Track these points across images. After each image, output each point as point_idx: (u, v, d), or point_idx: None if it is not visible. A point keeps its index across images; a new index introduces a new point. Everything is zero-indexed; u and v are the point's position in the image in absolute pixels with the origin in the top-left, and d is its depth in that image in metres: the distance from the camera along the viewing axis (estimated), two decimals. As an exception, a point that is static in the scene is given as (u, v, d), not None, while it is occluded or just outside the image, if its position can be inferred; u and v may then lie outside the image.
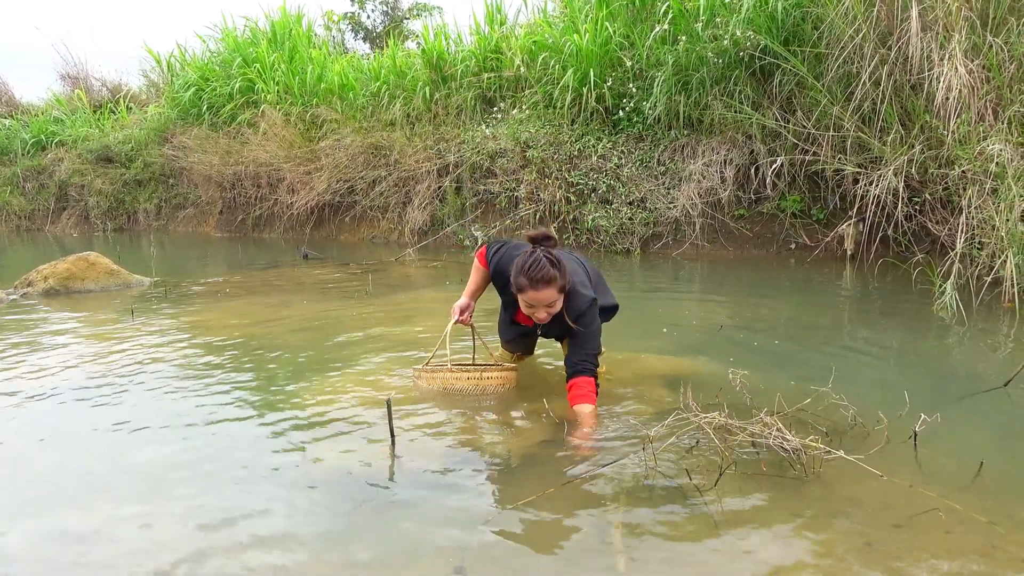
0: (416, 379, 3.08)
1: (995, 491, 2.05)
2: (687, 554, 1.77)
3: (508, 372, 3.01)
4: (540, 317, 2.62)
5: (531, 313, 2.63)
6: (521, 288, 2.55)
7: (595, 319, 2.73)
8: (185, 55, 13.70)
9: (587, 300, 2.69)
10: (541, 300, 2.54)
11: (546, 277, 2.50)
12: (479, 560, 1.76)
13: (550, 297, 2.54)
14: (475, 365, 3.19)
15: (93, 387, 3.23)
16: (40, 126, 15.14)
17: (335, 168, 10.12)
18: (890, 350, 3.69)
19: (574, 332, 2.71)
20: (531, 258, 2.53)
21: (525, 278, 2.52)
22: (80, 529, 1.97)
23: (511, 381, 3.01)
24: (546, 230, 2.67)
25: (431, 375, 3.02)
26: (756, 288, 5.66)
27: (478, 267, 3.00)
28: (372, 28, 16.48)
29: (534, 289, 2.52)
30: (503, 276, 2.79)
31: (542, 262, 2.51)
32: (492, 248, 2.93)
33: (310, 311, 4.99)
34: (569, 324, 2.68)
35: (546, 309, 2.58)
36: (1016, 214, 4.62)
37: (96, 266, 6.28)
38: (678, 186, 7.49)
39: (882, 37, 6.00)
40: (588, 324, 2.70)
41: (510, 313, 3.05)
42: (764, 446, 2.28)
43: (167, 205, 13.16)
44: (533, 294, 2.53)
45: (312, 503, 2.06)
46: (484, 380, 2.94)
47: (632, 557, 1.76)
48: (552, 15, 9.66)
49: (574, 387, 2.67)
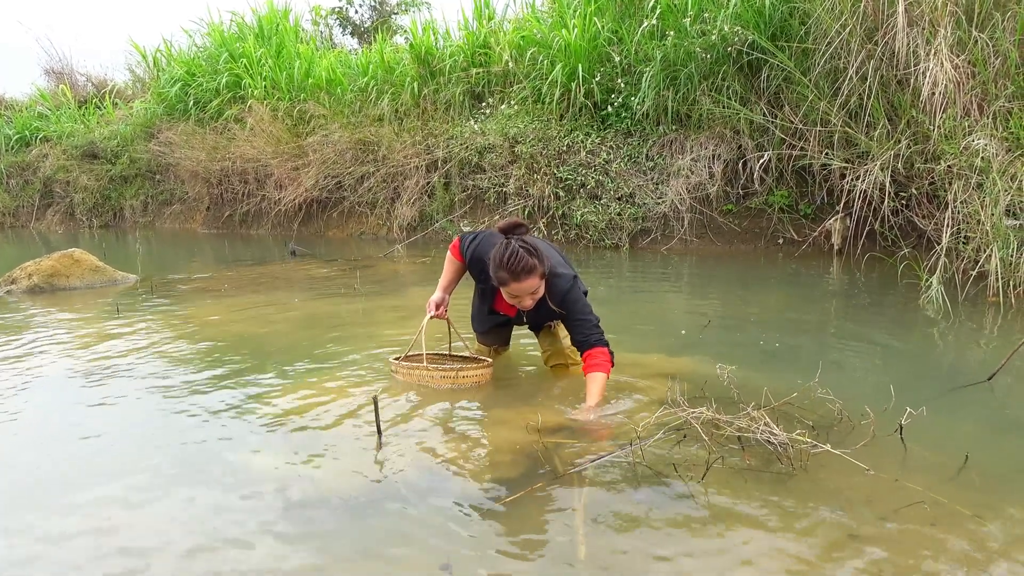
0: (393, 372, 3.10)
1: (980, 484, 2.06)
2: (673, 547, 1.77)
3: (484, 369, 3.01)
4: (526, 305, 2.66)
5: (516, 303, 2.67)
6: (503, 282, 2.58)
7: (580, 295, 2.78)
8: (171, 50, 13.58)
9: (568, 279, 2.74)
10: (525, 290, 2.58)
11: (527, 267, 2.53)
12: (466, 557, 1.75)
13: (533, 286, 2.59)
14: (451, 357, 3.22)
15: (73, 386, 3.20)
16: (24, 122, 14.98)
17: (323, 164, 10.07)
18: (876, 344, 3.71)
19: (566, 313, 2.75)
20: (508, 251, 2.55)
21: (506, 272, 2.55)
22: (58, 524, 1.94)
23: (487, 378, 3.02)
24: (516, 219, 2.70)
25: (408, 370, 3.04)
26: (744, 283, 5.68)
27: (452, 260, 3.03)
28: (360, 23, 16.38)
29: (516, 281, 2.55)
30: (480, 264, 2.81)
31: (519, 253, 2.53)
32: (466, 240, 2.95)
33: (298, 308, 4.96)
34: (552, 308, 2.71)
35: (531, 297, 2.63)
36: (1001, 209, 4.65)
37: (81, 263, 6.22)
38: (666, 181, 7.49)
39: (868, 32, 6.01)
40: (575, 301, 2.74)
41: (488, 303, 3.05)
42: (751, 440, 2.28)
43: (153, 202, 13.04)
44: (516, 286, 2.57)
45: (297, 500, 2.05)
46: (459, 379, 2.95)
47: (618, 550, 1.75)
48: (540, 10, 9.64)
49: (589, 357, 2.72)
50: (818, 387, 2.63)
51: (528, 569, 1.70)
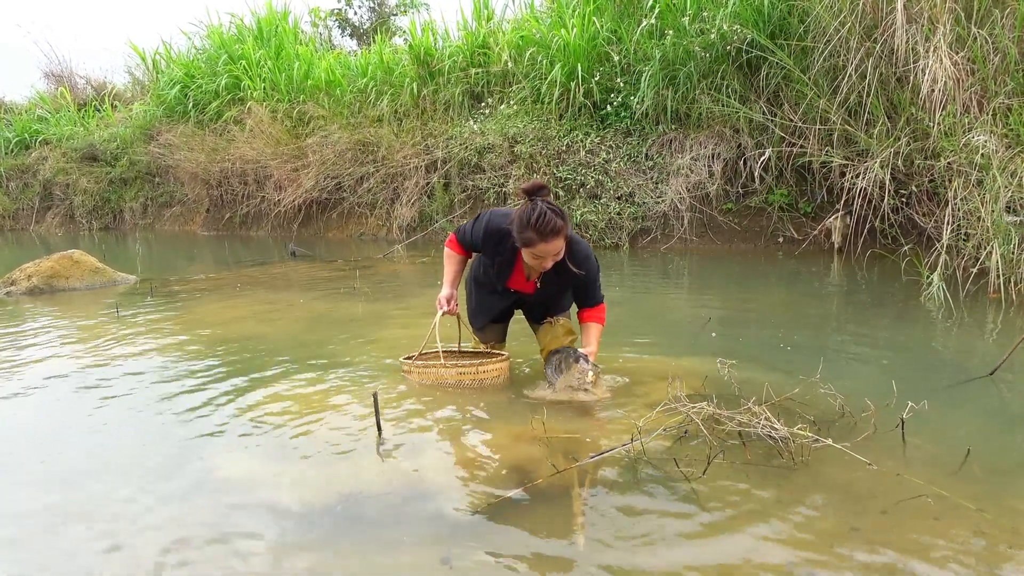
0: (407, 373, 3.05)
1: (982, 478, 2.06)
2: (675, 542, 1.76)
3: (502, 363, 2.97)
4: (546, 266, 2.66)
5: (537, 264, 2.66)
6: (530, 242, 2.55)
7: (596, 263, 2.86)
8: (170, 52, 13.59)
9: (587, 245, 2.83)
10: (550, 251, 2.57)
11: (555, 228, 2.51)
12: (466, 551, 1.74)
13: (558, 247, 2.58)
14: (466, 353, 3.18)
15: (71, 386, 3.19)
16: (24, 125, 14.99)
17: (322, 165, 10.07)
18: (878, 341, 3.70)
19: (577, 281, 2.81)
20: (536, 212, 2.52)
21: (534, 232, 2.51)
22: (51, 526, 1.94)
23: (505, 372, 2.98)
24: (538, 180, 2.69)
25: (423, 369, 2.98)
26: (744, 281, 5.67)
27: (451, 255, 3.01)
28: (359, 24, 16.39)
29: (544, 241, 2.53)
30: (497, 236, 2.76)
31: (548, 214, 2.51)
32: (463, 229, 2.94)
33: (297, 309, 4.95)
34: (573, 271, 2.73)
35: (553, 258, 2.63)
36: (1001, 205, 4.64)
37: (81, 264, 6.22)
38: (666, 180, 7.49)
39: (867, 30, 6.01)
40: (593, 268, 2.82)
41: (502, 281, 2.93)
42: (752, 435, 2.27)
43: (153, 203, 13.05)
44: (544, 246, 2.55)
45: (297, 497, 2.04)
46: (480, 374, 2.90)
47: (621, 544, 1.75)
48: (539, 10, 9.65)
49: (589, 316, 2.89)
50: (819, 383, 2.62)
51: (528, 562, 1.69)
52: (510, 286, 2.95)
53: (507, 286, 2.95)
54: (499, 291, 2.99)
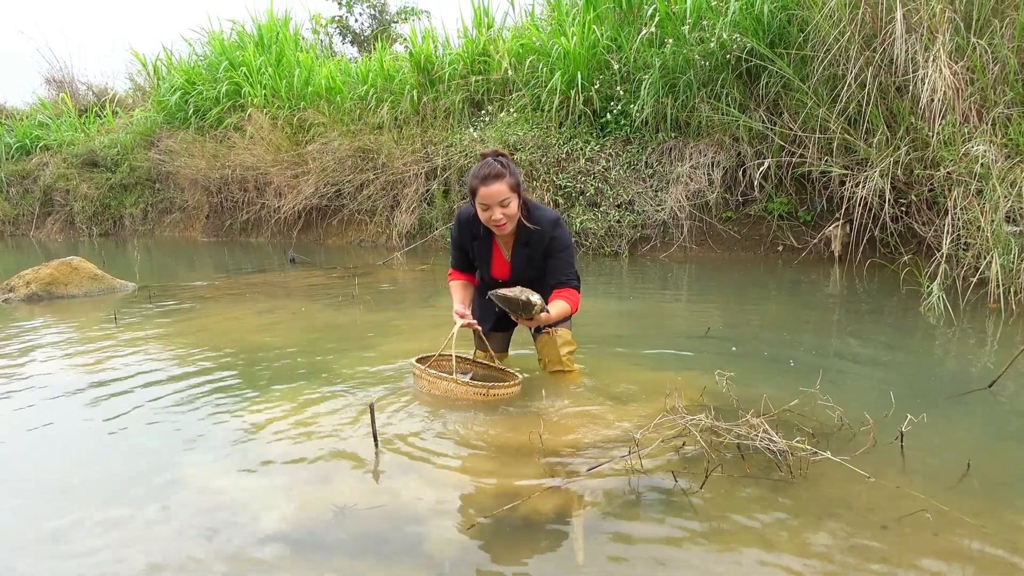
0: (417, 378, 2.99)
1: (982, 492, 2.04)
2: (672, 555, 1.74)
3: (514, 387, 2.90)
4: (497, 219, 2.73)
5: (488, 218, 2.75)
6: (473, 189, 2.72)
7: (568, 235, 2.90)
8: (171, 58, 13.63)
9: (555, 213, 2.89)
10: (494, 197, 2.69)
11: (494, 172, 2.67)
12: (461, 565, 1.73)
13: (501, 192, 2.69)
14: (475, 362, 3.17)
15: (66, 394, 3.18)
16: (24, 130, 15.02)
17: (322, 171, 10.09)
18: (877, 351, 3.69)
19: (551, 259, 2.87)
20: (480, 163, 2.73)
21: (476, 179, 2.71)
22: (47, 532, 1.92)
23: (516, 394, 2.92)
24: (497, 148, 2.87)
25: (434, 381, 2.90)
26: (743, 290, 5.66)
27: (454, 284, 3.14)
28: (360, 32, 16.43)
29: (485, 186, 2.68)
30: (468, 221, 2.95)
31: (490, 162, 2.70)
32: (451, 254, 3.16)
33: (297, 316, 4.94)
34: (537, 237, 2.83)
35: (501, 209, 2.71)
36: (1001, 215, 4.64)
37: (80, 271, 6.21)
38: (666, 188, 7.49)
39: (867, 39, 6.02)
40: (565, 236, 2.88)
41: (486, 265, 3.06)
42: (750, 448, 2.26)
43: (153, 210, 13.06)
44: (485, 191, 2.69)
45: (293, 507, 2.03)
46: (490, 396, 2.83)
47: (618, 560, 1.73)
48: (539, 18, 9.67)
49: (557, 294, 2.86)
50: (818, 394, 2.61)
51: (525, 579, 1.68)
52: (494, 275, 3.04)
53: (492, 276, 3.05)
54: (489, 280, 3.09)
